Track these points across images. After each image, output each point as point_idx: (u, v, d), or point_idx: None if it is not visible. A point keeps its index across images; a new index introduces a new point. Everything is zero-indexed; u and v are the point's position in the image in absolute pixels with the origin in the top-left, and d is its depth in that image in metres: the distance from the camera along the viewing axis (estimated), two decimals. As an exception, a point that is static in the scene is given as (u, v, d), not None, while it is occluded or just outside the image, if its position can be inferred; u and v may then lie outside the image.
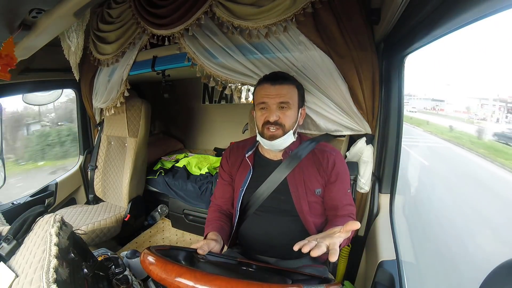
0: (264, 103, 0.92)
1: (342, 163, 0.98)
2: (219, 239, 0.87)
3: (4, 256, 0.75)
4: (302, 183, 0.95)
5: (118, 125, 1.95)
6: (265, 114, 0.93)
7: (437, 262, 1.86)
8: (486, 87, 3.03)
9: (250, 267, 0.77)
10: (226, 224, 1.01)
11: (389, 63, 1.09)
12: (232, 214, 1.08)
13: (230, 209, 1.09)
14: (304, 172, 0.95)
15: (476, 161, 2.51)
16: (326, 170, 0.95)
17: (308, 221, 0.94)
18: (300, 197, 0.94)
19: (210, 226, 0.96)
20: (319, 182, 0.95)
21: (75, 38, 1.40)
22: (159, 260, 0.57)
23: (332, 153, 0.98)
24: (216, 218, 1.02)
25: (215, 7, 1.06)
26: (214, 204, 1.11)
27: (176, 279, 0.51)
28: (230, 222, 1.05)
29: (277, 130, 0.91)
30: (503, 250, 1.60)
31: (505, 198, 2.10)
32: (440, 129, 3.77)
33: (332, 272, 1.19)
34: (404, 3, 0.77)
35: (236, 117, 2.43)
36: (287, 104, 0.91)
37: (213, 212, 1.06)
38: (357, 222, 0.61)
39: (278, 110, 0.91)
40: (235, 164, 1.06)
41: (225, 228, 0.98)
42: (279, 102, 0.91)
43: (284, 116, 0.91)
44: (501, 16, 0.53)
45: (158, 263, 0.56)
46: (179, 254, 0.71)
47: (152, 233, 2.06)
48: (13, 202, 1.68)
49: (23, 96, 1.79)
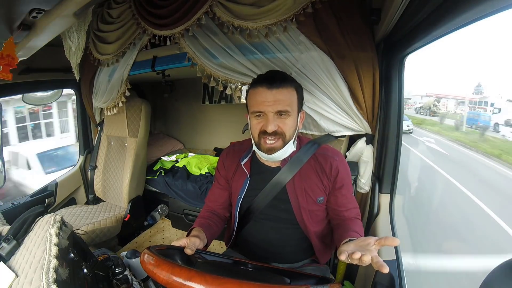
0: (261, 111, 0.80)
1: (345, 168, 0.93)
2: (202, 236, 0.81)
3: (4, 256, 0.75)
4: (302, 192, 0.89)
5: (118, 125, 1.95)
6: (262, 123, 0.81)
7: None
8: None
9: (249, 267, 0.77)
10: (216, 225, 0.96)
11: (389, 63, 1.09)
12: (225, 217, 1.06)
13: (224, 212, 1.05)
14: (305, 180, 0.89)
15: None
16: (330, 177, 0.89)
17: (309, 229, 0.92)
18: (300, 206, 0.89)
19: (197, 222, 0.93)
20: (321, 190, 0.90)
21: (76, 38, 1.40)
22: (159, 260, 0.57)
23: (335, 158, 0.91)
24: (205, 216, 0.98)
25: (215, 7, 1.06)
26: (207, 206, 1.06)
27: (185, 283, 0.50)
28: (221, 224, 1.01)
29: (277, 141, 0.81)
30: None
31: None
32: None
33: (332, 272, 1.19)
34: (404, 3, 0.77)
35: (236, 117, 2.43)
36: (287, 112, 0.80)
37: (204, 211, 1.02)
38: (396, 239, 0.59)
39: (277, 119, 0.80)
40: (231, 169, 1.00)
41: (212, 227, 0.93)
42: (277, 110, 0.79)
43: (283, 125, 0.81)
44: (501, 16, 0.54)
45: (159, 264, 0.56)
46: (176, 254, 0.70)
47: (152, 233, 2.06)
48: (13, 202, 1.68)
49: (23, 96, 1.79)
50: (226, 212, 1.06)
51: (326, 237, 0.99)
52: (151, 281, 1.03)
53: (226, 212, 1.07)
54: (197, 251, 0.74)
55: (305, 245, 0.97)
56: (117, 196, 1.97)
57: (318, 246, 0.96)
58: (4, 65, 1.04)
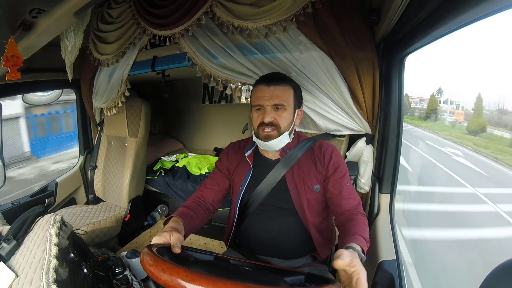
0: (260, 105, 0.92)
1: (338, 157, 0.98)
2: (181, 229, 0.79)
3: (4, 256, 0.75)
4: (300, 181, 0.95)
5: (118, 125, 1.95)
6: (261, 115, 0.92)
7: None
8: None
9: (248, 267, 0.77)
10: (198, 218, 0.93)
11: (389, 63, 1.09)
12: (213, 210, 1.04)
13: (215, 203, 1.04)
14: (303, 170, 0.96)
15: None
16: (323, 164, 0.96)
17: (307, 219, 0.94)
18: (299, 195, 0.94)
19: (179, 211, 0.91)
20: (317, 179, 0.95)
21: (73, 38, 1.39)
22: (159, 260, 0.56)
23: (328, 148, 0.99)
24: (190, 207, 0.95)
25: (215, 7, 1.06)
26: (199, 193, 1.04)
27: (186, 284, 0.50)
28: (204, 218, 0.98)
29: (272, 131, 0.91)
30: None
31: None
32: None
33: (332, 272, 1.19)
34: (404, 3, 0.77)
35: (236, 117, 2.43)
36: (282, 106, 0.91)
37: (192, 201, 1.00)
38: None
39: (273, 112, 0.91)
40: (234, 161, 1.05)
41: (194, 220, 0.91)
42: (273, 104, 0.90)
43: (279, 118, 0.91)
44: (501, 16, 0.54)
45: (159, 264, 0.55)
46: (164, 253, 0.68)
47: (152, 233, 2.06)
48: (13, 202, 1.68)
49: (23, 96, 1.79)
50: (217, 203, 1.05)
51: (325, 231, 1.01)
52: (151, 281, 1.03)
53: (216, 203, 1.05)
54: (189, 249, 0.73)
55: (304, 237, 0.98)
56: (117, 196, 1.97)
57: (317, 239, 0.97)
58: (11, 67, 1.05)
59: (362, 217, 0.87)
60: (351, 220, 0.85)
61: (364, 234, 0.78)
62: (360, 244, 0.71)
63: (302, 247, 1.00)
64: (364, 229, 0.81)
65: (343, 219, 0.89)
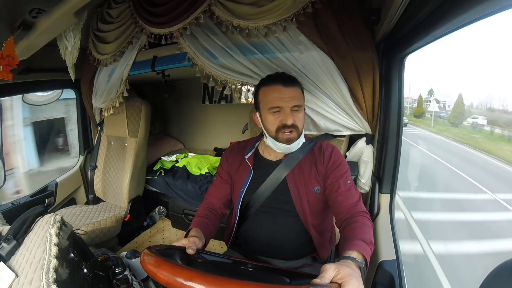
0: (279, 106, 0.88)
1: (339, 155, 0.98)
2: (201, 236, 0.84)
3: (4, 256, 0.75)
4: (301, 182, 0.94)
5: (118, 125, 1.95)
6: (280, 117, 0.89)
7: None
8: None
9: (248, 267, 0.77)
10: (212, 223, 0.98)
11: (389, 63, 1.09)
12: (223, 214, 1.07)
13: (223, 208, 1.07)
14: (304, 171, 0.96)
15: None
16: (323, 164, 0.95)
17: (308, 220, 0.94)
18: (300, 196, 0.94)
19: (195, 222, 0.95)
20: (317, 180, 0.95)
21: (72, 38, 1.39)
22: (159, 260, 0.56)
23: (328, 148, 0.99)
24: (203, 215, 1.00)
25: (214, 6, 1.06)
26: (206, 201, 1.08)
27: (186, 283, 0.50)
28: (217, 222, 1.02)
29: (292, 133, 0.90)
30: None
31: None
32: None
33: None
34: (404, 3, 0.77)
35: (236, 117, 2.42)
36: (299, 107, 0.90)
37: (202, 209, 1.04)
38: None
39: (292, 113, 0.89)
40: (234, 164, 1.05)
41: (209, 226, 0.96)
42: (293, 105, 0.88)
43: (297, 119, 0.90)
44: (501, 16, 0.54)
45: (160, 264, 0.55)
46: (175, 253, 0.70)
47: (152, 233, 2.06)
48: (13, 202, 1.68)
49: (23, 96, 1.79)
50: (224, 208, 1.08)
51: (326, 232, 1.01)
52: (151, 281, 1.03)
53: (224, 208, 1.08)
54: (197, 251, 0.75)
55: (305, 238, 0.97)
56: (117, 196, 1.97)
57: (317, 240, 0.97)
58: (4, 66, 1.05)
59: (362, 217, 0.81)
60: (350, 223, 0.80)
61: (365, 236, 0.72)
62: (359, 250, 0.66)
63: (302, 248, 1.00)
64: (364, 231, 0.75)
65: (343, 218, 0.85)
